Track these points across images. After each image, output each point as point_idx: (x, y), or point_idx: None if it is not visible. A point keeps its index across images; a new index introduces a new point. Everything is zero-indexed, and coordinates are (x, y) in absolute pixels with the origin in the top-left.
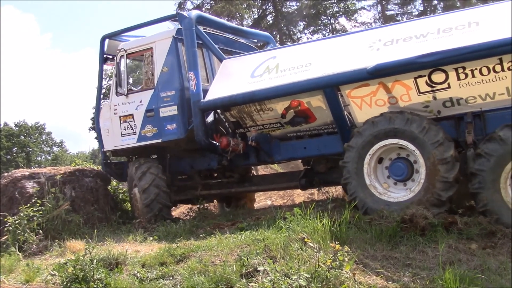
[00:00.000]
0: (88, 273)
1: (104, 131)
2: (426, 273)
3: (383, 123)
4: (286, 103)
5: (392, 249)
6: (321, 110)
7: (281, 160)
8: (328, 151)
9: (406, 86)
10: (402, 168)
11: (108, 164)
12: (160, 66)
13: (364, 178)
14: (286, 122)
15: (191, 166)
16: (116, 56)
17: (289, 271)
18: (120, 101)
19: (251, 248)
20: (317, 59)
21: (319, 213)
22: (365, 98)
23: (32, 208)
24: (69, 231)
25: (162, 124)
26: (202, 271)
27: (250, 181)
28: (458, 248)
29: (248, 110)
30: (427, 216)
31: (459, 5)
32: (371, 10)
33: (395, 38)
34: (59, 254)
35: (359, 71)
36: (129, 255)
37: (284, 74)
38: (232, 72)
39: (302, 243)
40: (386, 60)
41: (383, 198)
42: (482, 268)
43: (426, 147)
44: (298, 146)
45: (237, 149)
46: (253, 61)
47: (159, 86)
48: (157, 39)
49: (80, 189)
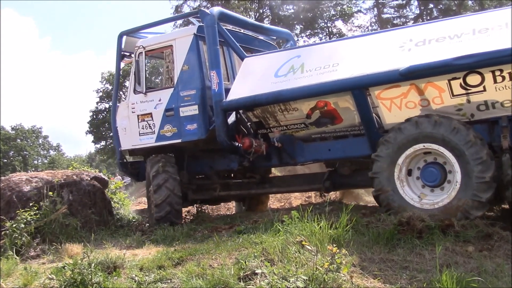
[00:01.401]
0: (86, 276)
1: (121, 129)
2: (423, 276)
3: (410, 128)
4: (312, 104)
5: (390, 252)
6: (349, 111)
7: (304, 162)
8: (354, 154)
9: (439, 88)
10: (434, 173)
11: (125, 163)
12: (180, 64)
13: (397, 187)
14: (311, 123)
15: (210, 167)
16: (135, 53)
17: (287, 274)
18: (138, 99)
19: (249, 251)
20: (344, 59)
21: (317, 216)
22: (395, 100)
23: (30, 212)
24: (67, 234)
25: (182, 124)
26: (200, 274)
27: (270, 183)
28: (455, 251)
29: (271, 110)
30: (424, 218)
31: (455, 9)
32: (367, 14)
33: (427, 38)
34: (57, 258)
35: (391, 72)
36: (127, 258)
37: (310, 74)
38: (255, 71)
39: (300, 246)
40: (419, 61)
41: (419, 206)
42: (479, 271)
43: (458, 148)
44: (322, 148)
45: (260, 150)
46: (276, 60)
47: (179, 85)
48: (177, 36)
49: (77, 193)
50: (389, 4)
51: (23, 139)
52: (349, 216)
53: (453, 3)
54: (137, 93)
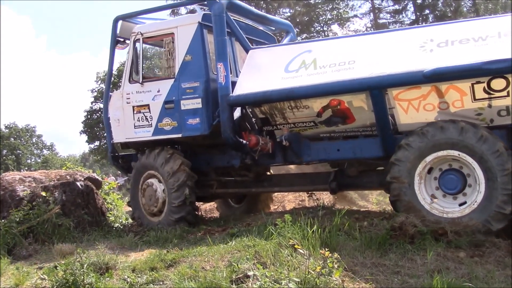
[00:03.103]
0: (78, 277)
1: (114, 121)
2: (414, 281)
3: (435, 133)
4: (324, 102)
5: (382, 257)
6: (362, 111)
7: (310, 161)
8: (365, 155)
9: (461, 92)
10: (455, 181)
11: (116, 157)
12: (182, 54)
13: (416, 194)
14: (321, 122)
15: (207, 163)
16: (131, 39)
17: (279, 277)
18: (134, 89)
19: (241, 254)
20: (361, 56)
21: (310, 220)
22: (413, 102)
23: (22, 211)
24: (59, 235)
25: (183, 117)
26: (192, 276)
27: (269, 181)
28: (446, 256)
29: (280, 107)
30: (416, 224)
31: (450, 15)
32: (363, 18)
33: (449, 39)
34: (49, 258)
35: (414, 73)
36: (119, 259)
37: (324, 71)
38: (262, 64)
39: (292, 249)
40: (443, 63)
41: (438, 214)
42: (470, 277)
43: (484, 158)
44: (331, 148)
45: (266, 148)
46: (285, 53)
47: (180, 76)
48: (179, 24)
49: (70, 193)
50: (385, 9)
51: (17, 138)
52: (342, 221)
53: (449, 10)
54: (132, 82)
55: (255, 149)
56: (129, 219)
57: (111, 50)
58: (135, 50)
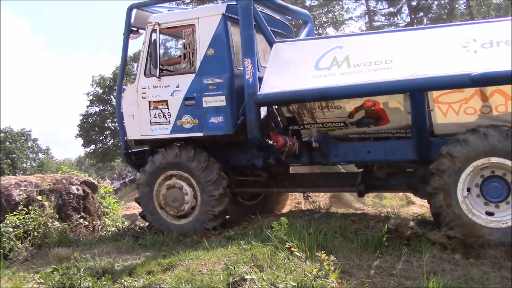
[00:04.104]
0: (75, 281)
1: (128, 116)
2: (410, 283)
3: (476, 140)
4: (358, 102)
5: (378, 259)
6: (398, 113)
7: (338, 162)
8: (397, 158)
9: (506, 96)
10: (499, 189)
11: (129, 154)
12: (204, 47)
13: (460, 204)
14: (352, 122)
15: (226, 161)
16: (146, 29)
17: (276, 280)
18: (150, 83)
19: (238, 257)
20: (398, 55)
21: (306, 223)
22: (454, 105)
23: (18, 216)
24: (56, 239)
25: (205, 115)
26: (189, 280)
27: (291, 180)
28: (442, 258)
29: (310, 107)
30: (412, 226)
31: (445, 18)
32: (358, 21)
33: (494, 39)
34: (46, 263)
35: (460, 77)
36: (116, 263)
37: (359, 70)
38: (290, 60)
39: (289, 252)
40: (491, 66)
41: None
42: (465, 278)
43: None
44: (360, 149)
45: (293, 149)
46: (314, 49)
47: (202, 71)
48: (201, 15)
49: (66, 197)
50: (380, 12)
51: (12, 142)
52: (338, 223)
53: (443, 12)
54: (148, 76)
55: (282, 150)
56: (125, 223)
57: (124, 41)
58: (152, 41)
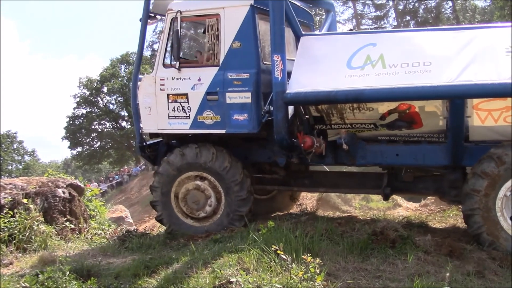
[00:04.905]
0: (60, 285)
1: (145, 108)
2: (395, 285)
3: None
4: (392, 105)
5: (363, 261)
6: (433, 117)
7: (364, 164)
8: (427, 162)
9: None
10: None
11: (143, 147)
12: (229, 39)
13: (495, 211)
14: (383, 125)
15: (245, 157)
16: (166, 17)
17: (262, 282)
18: (169, 75)
19: (224, 260)
20: (437, 57)
21: (293, 226)
22: (494, 113)
23: (3, 219)
24: (41, 242)
25: (228, 112)
26: (175, 283)
27: (311, 179)
28: (427, 260)
29: (340, 107)
30: (398, 228)
31: (431, 22)
32: (346, 24)
33: None
34: (31, 266)
35: (506, 85)
36: (102, 266)
37: (395, 71)
38: (319, 56)
39: (275, 255)
40: None
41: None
42: (449, 280)
43: None
44: (389, 152)
45: (320, 150)
46: (345, 45)
47: (226, 65)
48: (227, 4)
49: (52, 200)
50: (367, 15)
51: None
52: (325, 226)
53: (430, 16)
54: (167, 66)
55: (309, 151)
56: (112, 226)
57: (142, 27)
58: (173, 30)
